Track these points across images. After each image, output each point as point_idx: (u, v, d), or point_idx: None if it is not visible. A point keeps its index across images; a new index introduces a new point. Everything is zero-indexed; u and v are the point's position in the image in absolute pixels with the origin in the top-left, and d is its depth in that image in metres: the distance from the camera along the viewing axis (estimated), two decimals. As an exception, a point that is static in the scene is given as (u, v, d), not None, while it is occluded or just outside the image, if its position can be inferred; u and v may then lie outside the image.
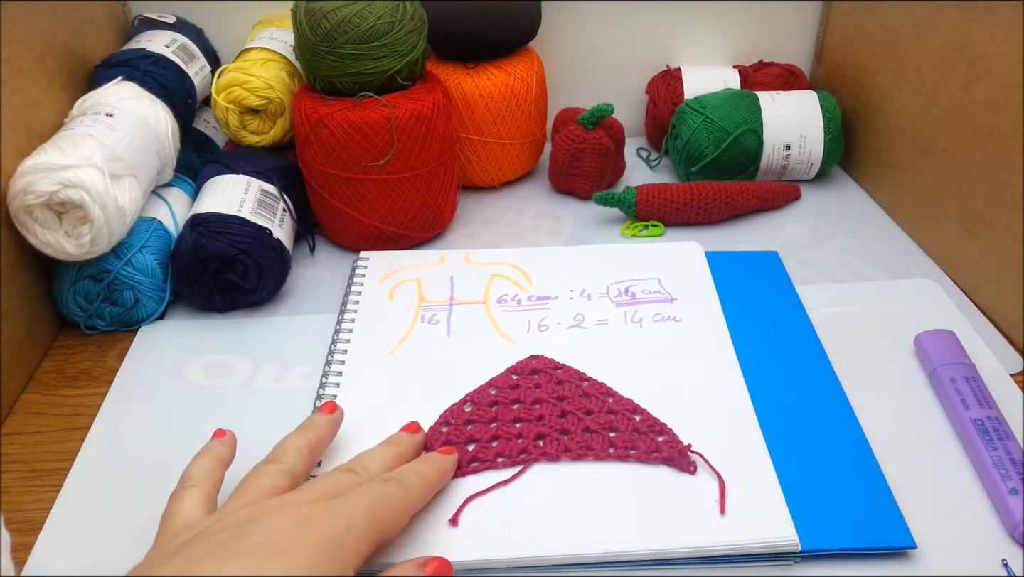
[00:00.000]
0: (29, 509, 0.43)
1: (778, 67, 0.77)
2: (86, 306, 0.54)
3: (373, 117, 0.56)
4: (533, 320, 0.54)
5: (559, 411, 0.45)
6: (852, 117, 0.73)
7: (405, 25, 0.56)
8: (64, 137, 0.52)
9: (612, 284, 0.57)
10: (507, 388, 0.47)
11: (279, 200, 0.60)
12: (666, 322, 0.53)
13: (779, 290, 0.56)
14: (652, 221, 0.66)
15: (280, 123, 0.63)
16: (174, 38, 0.67)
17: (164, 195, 0.60)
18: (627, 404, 0.46)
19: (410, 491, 0.38)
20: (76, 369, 0.53)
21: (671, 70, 0.77)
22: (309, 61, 0.57)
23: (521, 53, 0.70)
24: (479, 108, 0.67)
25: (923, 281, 0.58)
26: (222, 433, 0.42)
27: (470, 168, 0.70)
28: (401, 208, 0.60)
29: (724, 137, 0.68)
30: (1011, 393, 0.48)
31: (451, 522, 0.40)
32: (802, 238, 0.65)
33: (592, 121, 0.67)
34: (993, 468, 0.41)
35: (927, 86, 0.61)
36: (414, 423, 0.44)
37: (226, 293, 0.56)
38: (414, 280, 0.58)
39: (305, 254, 0.64)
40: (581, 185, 0.69)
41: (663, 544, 0.38)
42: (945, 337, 0.49)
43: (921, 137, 0.62)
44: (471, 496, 0.41)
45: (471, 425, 0.45)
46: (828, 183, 0.73)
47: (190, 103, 0.66)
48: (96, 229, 0.50)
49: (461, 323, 0.54)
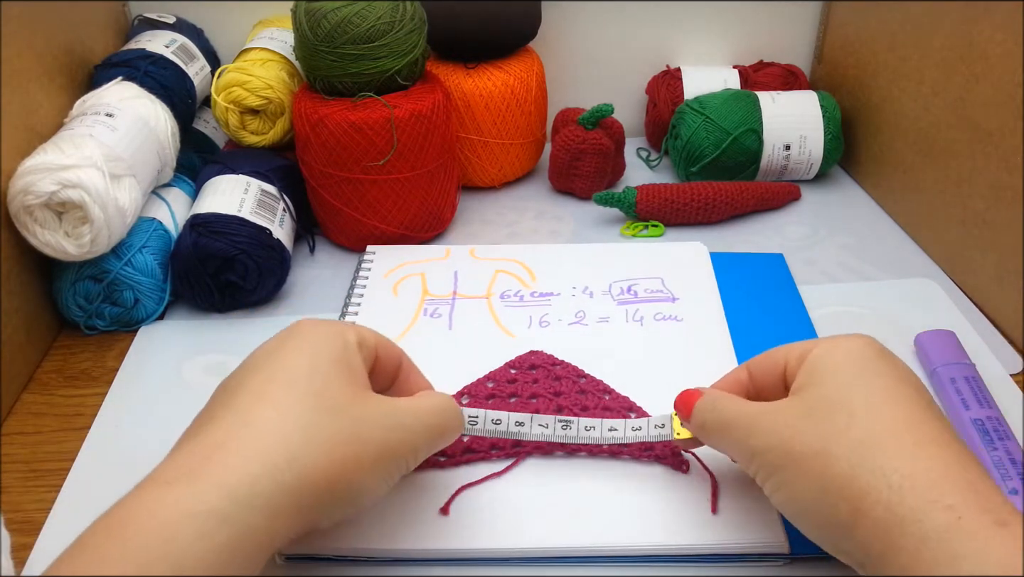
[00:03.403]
0: (29, 509, 0.43)
1: (778, 67, 0.77)
2: (86, 306, 0.54)
3: (373, 117, 0.56)
4: (535, 316, 0.54)
5: (555, 406, 0.46)
6: (852, 117, 0.73)
7: (405, 25, 0.56)
8: (64, 137, 0.52)
9: (615, 282, 0.57)
10: (505, 382, 0.48)
11: (279, 200, 0.60)
12: (667, 321, 0.53)
13: (783, 293, 0.56)
14: (652, 221, 0.66)
15: (280, 123, 0.63)
16: (174, 38, 0.67)
17: (164, 195, 0.60)
18: (623, 402, 0.46)
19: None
20: (76, 369, 0.53)
21: (671, 70, 0.77)
22: (309, 61, 0.57)
23: (521, 53, 0.70)
24: (479, 108, 0.67)
25: (923, 281, 0.58)
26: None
27: (470, 168, 0.70)
28: (401, 208, 0.60)
29: (724, 137, 0.68)
30: (1011, 393, 0.48)
31: (442, 511, 0.40)
32: (802, 238, 0.65)
33: (592, 121, 0.67)
34: (993, 468, 0.41)
35: (927, 86, 0.61)
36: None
37: (226, 293, 0.56)
38: (419, 274, 0.58)
39: (305, 254, 0.64)
40: (581, 185, 0.69)
41: (654, 541, 0.38)
42: (945, 337, 0.49)
43: (921, 137, 0.62)
44: (463, 486, 0.41)
45: None
46: (828, 183, 0.73)
47: (190, 103, 0.66)
48: (96, 229, 0.50)
49: (463, 317, 0.54)
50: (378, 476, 0.33)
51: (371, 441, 0.32)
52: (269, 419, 0.31)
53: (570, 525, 0.39)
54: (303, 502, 0.30)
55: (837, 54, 0.76)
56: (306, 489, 0.30)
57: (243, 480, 0.29)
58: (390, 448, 0.33)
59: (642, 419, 0.41)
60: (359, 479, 0.32)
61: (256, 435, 0.30)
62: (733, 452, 0.37)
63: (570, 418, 0.41)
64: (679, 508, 0.40)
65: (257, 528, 0.28)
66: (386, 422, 0.34)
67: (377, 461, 0.33)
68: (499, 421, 0.40)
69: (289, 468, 0.30)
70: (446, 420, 0.37)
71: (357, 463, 0.32)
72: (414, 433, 0.35)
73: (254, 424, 0.31)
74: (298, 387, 0.32)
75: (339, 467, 0.31)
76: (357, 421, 0.32)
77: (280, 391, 0.32)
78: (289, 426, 0.31)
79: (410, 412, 0.35)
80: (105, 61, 0.63)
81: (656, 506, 0.40)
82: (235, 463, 0.29)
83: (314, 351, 0.34)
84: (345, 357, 0.34)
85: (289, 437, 0.30)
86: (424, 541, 0.39)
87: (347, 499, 0.32)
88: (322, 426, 0.31)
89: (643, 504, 0.40)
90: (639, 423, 0.41)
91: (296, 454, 0.30)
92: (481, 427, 0.40)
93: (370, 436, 0.32)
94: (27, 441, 0.48)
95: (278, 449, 0.30)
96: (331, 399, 0.32)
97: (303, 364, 0.33)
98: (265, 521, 0.29)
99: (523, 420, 0.41)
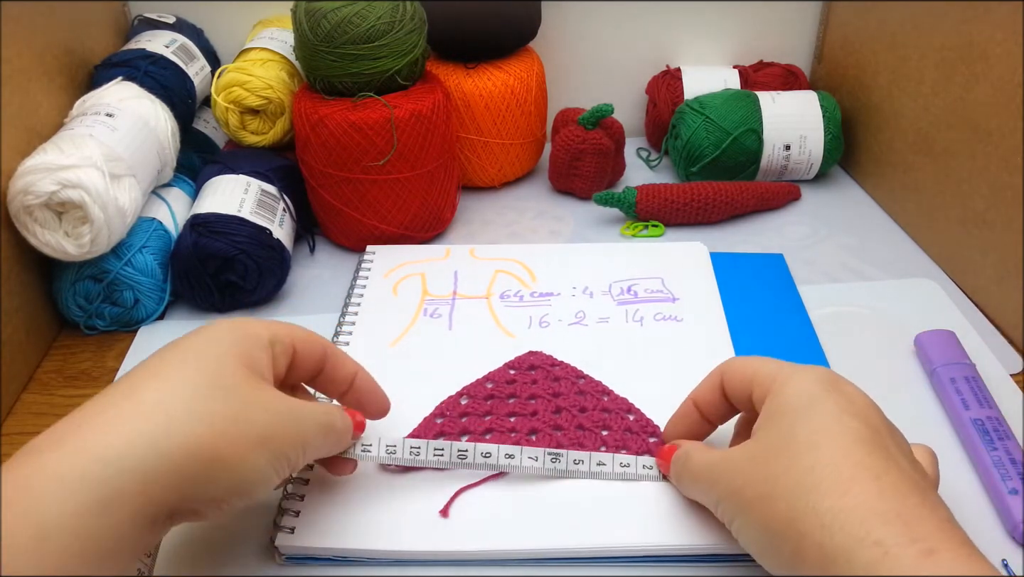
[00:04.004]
0: (29, 509, 0.43)
1: (778, 67, 0.77)
2: (86, 306, 0.54)
3: (373, 117, 0.56)
4: (535, 316, 0.54)
5: (554, 407, 0.46)
6: (852, 117, 0.73)
7: (405, 25, 0.56)
8: (64, 137, 0.52)
9: (615, 282, 0.57)
10: (503, 383, 0.48)
11: (279, 200, 0.60)
12: (667, 321, 0.53)
13: (783, 293, 0.56)
14: (652, 221, 0.66)
15: (280, 123, 0.63)
16: (174, 38, 0.67)
17: (164, 195, 0.60)
18: (622, 403, 0.46)
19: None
20: (76, 369, 0.53)
21: (671, 70, 0.77)
22: (309, 61, 0.57)
23: (521, 53, 0.70)
24: (479, 108, 0.67)
25: (923, 281, 0.58)
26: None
27: (470, 168, 0.70)
28: (401, 208, 0.60)
29: (724, 137, 0.68)
30: (1011, 393, 0.48)
31: (441, 513, 0.40)
32: (802, 238, 0.65)
33: (592, 121, 0.67)
34: (993, 468, 0.41)
35: (927, 86, 0.61)
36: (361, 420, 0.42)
37: (226, 293, 0.56)
38: (419, 274, 0.58)
39: (305, 254, 0.64)
40: (581, 185, 0.69)
41: (654, 541, 0.38)
42: (945, 337, 0.49)
43: (921, 137, 0.62)
44: (462, 488, 0.41)
45: (466, 417, 0.45)
46: (828, 183, 0.73)
47: (190, 103, 0.66)
48: (96, 229, 0.50)
49: (463, 317, 0.54)
50: (263, 459, 0.33)
51: (257, 423, 0.32)
52: (154, 390, 0.31)
53: (570, 526, 0.39)
54: (184, 471, 0.30)
55: (837, 54, 0.76)
56: (186, 458, 0.30)
57: (114, 444, 0.29)
58: (276, 434, 0.33)
59: (631, 457, 0.42)
60: (242, 456, 0.32)
61: (136, 404, 0.30)
62: (704, 502, 0.38)
63: (559, 451, 0.42)
64: (679, 508, 0.40)
65: (129, 492, 0.28)
66: (274, 407, 0.34)
67: (262, 443, 0.32)
68: (489, 454, 0.41)
69: (167, 436, 0.30)
70: (333, 419, 0.37)
71: (242, 440, 0.32)
72: (301, 424, 0.35)
73: (136, 396, 0.31)
74: (189, 366, 0.32)
75: (222, 440, 0.31)
76: (245, 403, 0.32)
77: (170, 368, 0.32)
78: (173, 398, 0.31)
79: (300, 406, 0.35)
80: (105, 61, 0.63)
81: (656, 506, 0.40)
82: (109, 429, 0.29)
83: (215, 340, 0.34)
84: (246, 349, 0.34)
85: (171, 407, 0.30)
86: (424, 542, 0.39)
87: (232, 478, 0.32)
88: (207, 399, 0.31)
89: (643, 504, 0.40)
90: (628, 460, 0.42)
91: (176, 423, 0.30)
92: (471, 460, 0.41)
93: (256, 418, 0.33)
94: (27, 441, 0.47)
95: (157, 417, 0.30)
96: (221, 379, 0.32)
97: (200, 349, 0.33)
98: (138, 485, 0.28)
99: (513, 452, 0.41)
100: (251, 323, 0.36)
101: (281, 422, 0.34)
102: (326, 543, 0.38)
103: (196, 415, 0.31)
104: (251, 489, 0.33)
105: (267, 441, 0.33)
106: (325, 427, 0.37)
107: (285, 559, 0.39)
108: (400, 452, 0.40)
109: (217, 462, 0.31)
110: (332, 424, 0.37)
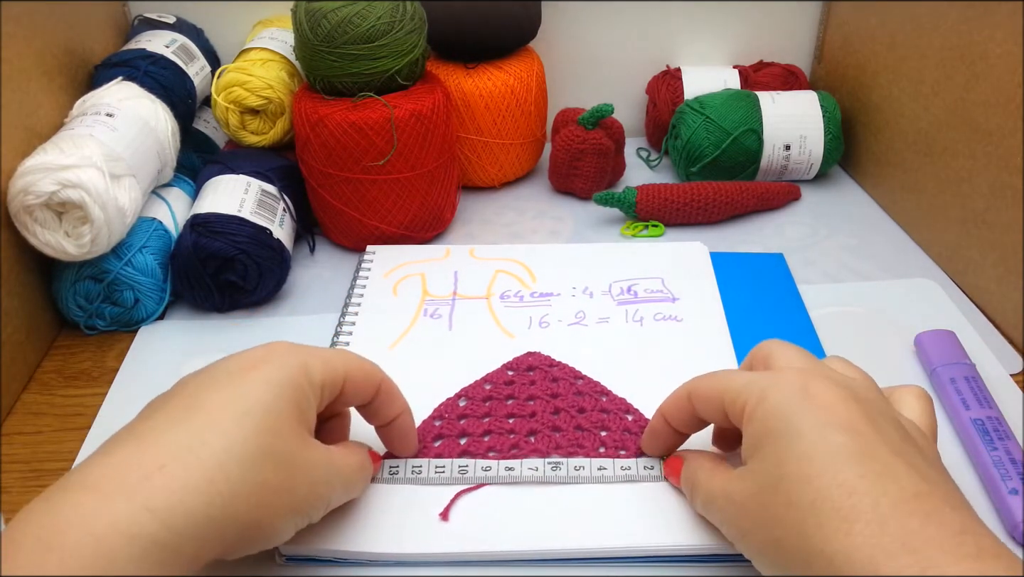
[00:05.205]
0: (29, 509, 0.43)
1: (778, 67, 0.77)
2: (86, 306, 0.54)
3: (373, 117, 0.56)
4: (535, 316, 0.54)
5: (552, 408, 0.46)
6: (852, 117, 0.73)
7: (405, 25, 0.56)
8: (64, 137, 0.52)
9: (615, 282, 0.57)
10: (502, 384, 0.48)
11: (279, 200, 0.60)
12: (667, 321, 0.53)
13: (783, 293, 0.56)
14: (652, 221, 0.66)
15: (280, 123, 0.63)
16: (174, 38, 0.67)
17: (164, 195, 0.60)
18: (620, 404, 0.46)
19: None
20: (76, 369, 0.53)
21: (671, 70, 0.77)
22: (309, 61, 0.57)
23: (521, 53, 0.70)
24: (479, 108, 0.67)
25: (923, 281, 0.58)
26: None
27: (470, 168, 0.70)
28: (401, 208, 0.60)
29: (724, 137, 0.68)
30: (1011, 393, 0.48)
31: (441, 516, 0.40)
32: (802, 238, 0.65)
33: (592, 121, 0.67)
34: (993, 468, 0.41)
35: (927, 86, 0.61)
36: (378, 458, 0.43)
37: (226, 293, 0.56)
38: (419, 274, 0.58)
39: (305, 254, 0.64)
40: (581, 185, 0.69)
41: (654, 541, 0.38)
42: (945, 337, 0.49)
43: (921, 137, 0.62)
44: (462, 491, 0.41)
45: (464, 419, 0.45)
46: (828, 183, 0.73)
47: (190, 103, 0.66)
48: (96, 229, 0.50)
49: (463, 318, 0.54)
50: (292, 525, 0.35)
51: (297, 494, 0.34)
52: (215, 450, 0.32)
53: (569, 527, 0.39)
54: (226, 537, 0.31)
55: (837, 54, 0.76)
56: (231, 527, 0.31)
57: (180, 509, 0.30)
58: (310, 501, 0.35)
59: (631, 460, 0.42)
60: (278, 525, 0.34)
61: (200, 464, 0.31)
62: (711, 520, 0.38)
63: (559, 459, 0.42)
64: (678, 508, 0.40)
65: (185, 555, 0.30)
66: (314, 475, 0.35)
67: (295, 511, 0.34)
68: (488, 468, 0.41)
69: (222, 504, 0.31)
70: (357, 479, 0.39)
71: (281, 510, 0.34)
72: (331, 486, 0.37)
73: (199, 452, 0.31)
74: (250, 422, 0.33)
75: (265, 512, 0.33)
76: (291, 472, 0.34)
77: (233, 423, 0.33)
78: (230, 460, 0.32)
79: (335, 468, 0.37)
80: (105, 61, 0.63)
81: (655, 506, 0.40)
82: (175, 488, 0.30)
83: (276, 384, 0.34)
84: (300, 398, 0.35)
85: (230, 473, 0.31)
86: (424, 544, 0.39)
87: (260, 540, 0.34)
88: (261, 469, 0.32)
89: (642, 505, 0.40)
90: (628, 463, 0.42)
91: (229, 495, 0.31)
92: (472, 475, 0.41)
93: (298, 489, 0.34)
94: (27, 441, 0.48)
95: (217, 484, 0.31)
96: (275, 444, 0.33)
97: (260, 396, 0.34)
98: (192, 549, 0.30)
99: (513, 465, 0.42)
100: (310, 357, 0.36)
101: (316, 489, 0.35)
102: (326, 544, 0.38)
103: (249, 485, 0.32)
104: (269, 545, 0.35)
105: (300, 509, 0.35)
106: (349, 486, 0.38)
107: (285, 560, 0.39)
108: (403, 472, 0.42)
109: (254, 529, 0.33)
110: (355, 484, 0.39)
